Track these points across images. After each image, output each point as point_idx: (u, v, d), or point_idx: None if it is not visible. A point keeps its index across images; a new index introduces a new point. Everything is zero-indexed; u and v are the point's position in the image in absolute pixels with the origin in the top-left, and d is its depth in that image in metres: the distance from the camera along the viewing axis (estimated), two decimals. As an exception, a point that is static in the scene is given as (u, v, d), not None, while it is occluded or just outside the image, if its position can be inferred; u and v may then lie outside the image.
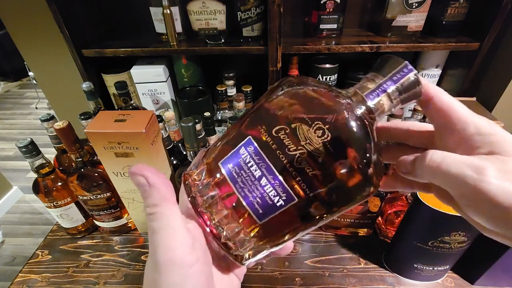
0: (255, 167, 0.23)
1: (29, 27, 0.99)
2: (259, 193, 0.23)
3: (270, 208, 0.23)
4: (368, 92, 0.25)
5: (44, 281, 0.68)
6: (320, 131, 0.22)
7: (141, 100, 0.94)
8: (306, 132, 0.22)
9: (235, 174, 0.23)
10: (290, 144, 0.22)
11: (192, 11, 0.81)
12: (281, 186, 0.22)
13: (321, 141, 0.22)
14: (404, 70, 0.24)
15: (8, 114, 3.14)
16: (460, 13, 0.81)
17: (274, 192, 0.23)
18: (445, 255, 0.58)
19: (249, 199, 0.23)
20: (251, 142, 0.24)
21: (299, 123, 0.22)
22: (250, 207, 0.23)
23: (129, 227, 0.78)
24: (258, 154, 0.23)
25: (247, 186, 0.23)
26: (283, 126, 0.23)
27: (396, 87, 0.24)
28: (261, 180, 0.23)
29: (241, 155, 0.24)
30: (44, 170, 0.65)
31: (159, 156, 0.63)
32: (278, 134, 0.23)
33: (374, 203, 0.66)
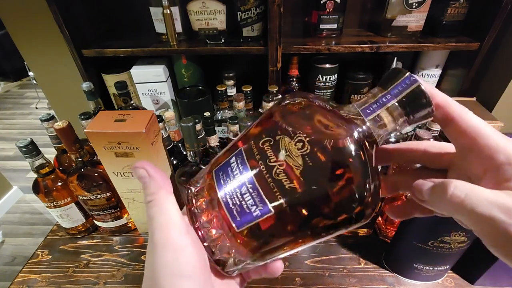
0: (239, 175, 0.23)
1: (29, 27, 0.99)
2: (238, 201, 0.23)
3: (247, 217, 0.23)
4: (366, 106, 0.23)
5: (44, 281, 0.68)
6: (301, 143, 0.21)
7: (141, 100, 0.94)
8: (288, 144, 0.22)
9: (222, 180, 0.24)
10: (272, 155, 0.22)
11: (192, 11, 0.81)
12: (258, 196, 0.22)
13: (300, 154, 0.21)
14: (405, 81, 0.22)
15: (8, 114, 3.14)
16: (460, 13, 0.81)
17: (252, 201, 0.22)
18: (445, 255, 0.58)
19: (230, 205, 0.23)
20: (241, 152, 0.24)
21: (283, 135, 0.22)
22: (229, 213, 0.23)
23: (129, 227, 0.78)
24: (243, 164, 0.23)
25: (229, 193, 0.23)
26: (268, 138, 0.23)
27: (398, 101, 0.22)
28: (241, 188, 0.23)
29: (231, 164, 0.24)
30: (44, 170, 0.65)
31: (159, 156, 0.63)
32: (263, 146, 0.23)
33: (374, 203, 0.66)
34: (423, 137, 0.62)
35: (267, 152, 0.22)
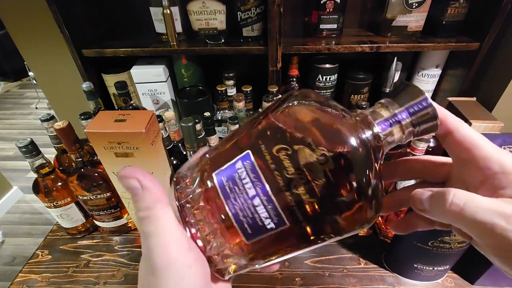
0: (250, 184, 0.22)
1: (29, 27, 0.99)
2: (250, 213, 0.22)
3: (260, 230, 0.22)
4: (381, 120, 0.23)
5: (44, 281, 0.68)
6: (323, 157, 0.20)
7: (141, 100, 0.94)
8: (308, 156, 0.21)
9: (228, 188, 0.22)
10: (290, 166, 0.21)
11: (192, 11, 0.81)
12: (274, 210, 0.21)
13: (322, 169, 0.20)
14: (422, 103, 0.23)
15: (8, 114, 3.14)
16: (460, 13, 0.81)
17: (266, 214, 0.21)
18: (445, 255, 0.58)
19: (240, 217, 0.22)
20: (249, 157, 0.22)
21: (302, 146, 0.21)
22: (239, 226, 0.22)
23: (129, 227, 0.78)
24: (254, 172, 0.22)
25: (239, 204, 0.22)
26: (285, 146, 0.21)
27: (411, 119, 0.23)
28: (254, 200, 0.21)
29: (237, 170, 0.22)
30: (44, 170, 0.65)
31: (159, 156, 0.63)
32: (278, 154, 0.21)
33: (374, 203, 0.66)
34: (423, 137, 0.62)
35: (284, 163, 0.21)
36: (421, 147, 0.64)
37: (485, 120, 0.72)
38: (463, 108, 0.76)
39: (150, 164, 0.61)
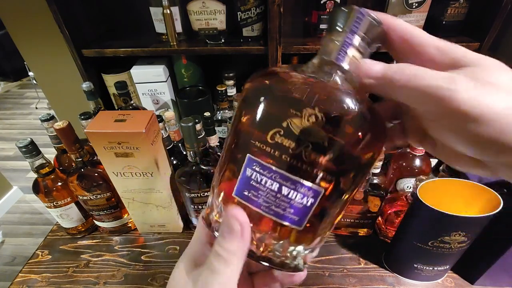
0: (270, 181, 0.22)
1: (29, 27, 0.99)
2: (287, 203, 0.22)
3: (304, 211, 0.22)
4: (335, 54, 0.23)
5: (44, 281, 0.68)
6: (312, 116, 0.21)
7: (141, 100, 0.94)
8: (300, 124, 0.21)
9: (254, 197, 0.23)
10: (291, 144, 0.21)
11: (192, 11, 0.81)
12: (303, 187, 0.22)
13: (318, 126, 0.21)
14: (358, 16, 0.23)
15: (8, 114, 3.14)
16: (460, 13, 0.81)
17: (300, 195, 0.22)
18: (445, 255, 0.58)
19: (281, 213, 0.22)
20: (253, 159, 0.22)
21: (289, 119, 0.21)
22: (286, 220, 0.23)
23: (129, 227, 0.78)
24: (265, 168, 0.22)
25: (273, 203, 0.22)
26: (275, 130, 0.22)
27: (361, 37, 0.23)
28: (282, 191, 0.22)
29: (250, 177, 0.23)
30: (44, 170, 0.65)
31: (159, 156, 0.63)
32: (274, 140, 0.22)
33: (374, 203, 0.66)
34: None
35: (284, 143, 0.21)
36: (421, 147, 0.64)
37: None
38: (463, 108, 0.76)
39: (150, 164, 0.61)
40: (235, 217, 0.22)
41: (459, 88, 0.19)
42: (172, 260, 0.71)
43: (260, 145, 0.22)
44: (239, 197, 0.23)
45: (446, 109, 0.19)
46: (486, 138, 0.19)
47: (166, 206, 0.70)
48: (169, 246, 0.75)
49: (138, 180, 0.64)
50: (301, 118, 0.21)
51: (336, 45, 0.23)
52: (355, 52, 0.23)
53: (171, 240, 0.76)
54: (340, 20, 0.23)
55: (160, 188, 0.66)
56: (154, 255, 0.73)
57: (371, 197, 0.66)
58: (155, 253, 0.73)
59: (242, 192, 0.23)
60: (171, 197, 0.70)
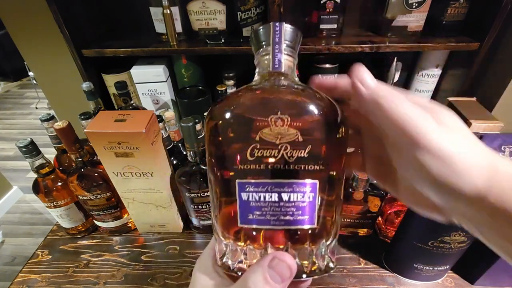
0: (268, 194, 0.23)
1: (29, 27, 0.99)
2: (293, 207, 0.23)
3: (311, 207, 0.23)
4: (272, 64, 0.27)
5: (44, 281, 0.68)
6: (279, 120, 0.23)
7: (141, 100, 0.94)
8: (270, 131, 0.23)
9: (261, 217, 0.23)
10: (270, 153, 0.23)
11: (192, 11, 0.81)
12: (299, 185, 0.23)
13: (287, 126, 0.23)
14: (276, 28, 0.26)
15: (8, 114, 3.14)
16: (460, 13, 0.80)
17: (300, 194, 0.23)
18: (445, 255, 0.58)
19: (291, 220, 0.23)
20: (243, 183, 0.23)
21: (259, 132, 0.23)
22: (299, 223, 0.23)
23: (129, 227, 0.78)
24: (258, 184, 0.23)
25: (279, 213, 0.23)
26: (251, 147, 0.23)
27: (286, 43, 0.27)
28: (282, 198, 0.23)
29: (248, 200, 0.23)
30: (44, 170, 0.65)
31: (159, 156, 0.63)
32: (254, 156, 0.23)
33: (374, 203, 0.66)
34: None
35: (265, 154, 0.23)
36: None
37: (485, 120, 0.72)
38: (463, 108, 0.76)
39: (150, 164, 0.61)
40: (285, 262, 0.22)
41: (431, 126, 0.21)
42: (172, 260, 0.71)
43: (244, 167, 0.23)
44: (246, 224, 0.23)
45: (417, 143, 0.21)
46: (445, 179, 0.20)
47: (166, 206, 0.70)
48: (169, 246, 0.75)
49: (138, 180, 0.64)
50: (269, 126, 0.23)
51: (268, 58, 0.27)
52: (286, 56, 0.27)
53: (171, 240, 0.76)
54: (263, 37, 0.27)
55: (160, 188, 0.66)
56: (154, 255, 0.73)
57: (371, 197, 0.66)
58: (155, 253, 0.73)
59: (247, 218, 0.23)
60: (171, 197, 0.70)
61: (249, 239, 0.24)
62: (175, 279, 0.67)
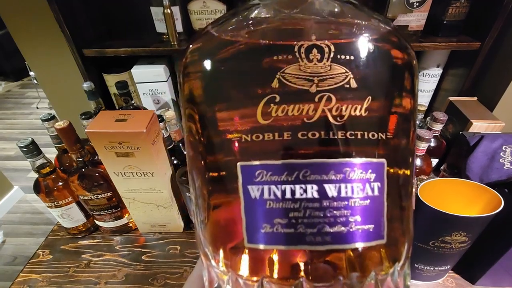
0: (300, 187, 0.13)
1: (30, 26, 0.99)
2: (346, 209, 0.13)
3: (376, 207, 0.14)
4: None
5: (45, 281, 0.68)
6: (314, 50, 0.13)
7: (142, 100, 0.94)
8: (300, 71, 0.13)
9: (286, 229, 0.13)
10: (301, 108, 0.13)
11: (193, 10, 0.81)
12: (356, 168, 0.13)
13: (329, 61, 0.14)
14: None
15: (9, 114, 3.14)
16: (461, 13, 0.80)
17: (359, 185, 0.13)
18: (446, 255, 0.58)
19: (344, 232, 0.13)
20: (250, 167, 0.13)
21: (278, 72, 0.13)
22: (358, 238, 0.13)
23: (130, 227, 0.78)
24: (281, 169, 0.13)
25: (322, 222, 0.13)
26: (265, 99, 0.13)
27: None
28: (327, 192, 0.13)
29: (262, 197, 0.13)
30: (45, 170, 0.65)
31: (159, 156, 0.63)
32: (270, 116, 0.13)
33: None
34: (423, 137, 0.62)
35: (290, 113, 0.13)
36: (422, 147, 0.64)
37: (486, 120, 0.71)
38: (464, 107, 0.76)
39: (150, 164, 0.61)
40: None
41: None
42: (173, 260, 0.71)
43: (251, 138, 0.13)
44: (258, 243, 0.13)
45: None
46: None
47: (167, 206, 0.70)
48: (170, 246, 0.75)
49: (139, 180, 0.64)
50: (298, 62, 0.13)
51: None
52: None
53: (172, 240, 0.76)
54: None
55: (161, 188, 0.66)
56: (155, 255, 0.73)
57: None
58: (156, 253, 0.73)
59: (260, 231, 0.13)
60: (172, 197, 0.70)
61: (261, 266, 0.14)
62: (176, 279, 0.67)
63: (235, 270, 0.14)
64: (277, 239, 0.13)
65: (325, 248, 0.13)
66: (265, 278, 0.14)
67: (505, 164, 0.60)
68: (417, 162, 0.68)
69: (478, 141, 0.64)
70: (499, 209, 0.49)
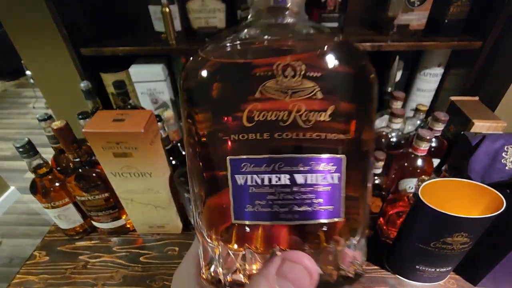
0: (276, 176, 0.17)
1: (26, 25, 0.98)
2: (312, 194, 0.17)
3: (335, 193, 0.17)
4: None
5: (41, 283, 0.67)
6: (289, 68, 0.17)
7: (140, 100, 0.93)
8: (277, 85, 0.17)
9: (265, 208, 0.17)
10: (277, 113, 0.17)
11: (192, 9, 0.81)
12: (320, 162, 0.17)
13: (301, 77, 0.17)
14: None
15: (5, 113, 3.12)
16: (462, 12, 0.80)
17: (321, 175, 0.17)
18: (448, 257, 0.57)
19: (310, 211, 0.17)
20: (238, 160, 0.17)
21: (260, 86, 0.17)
22: (320, 216, 0.17)
23: (128, 228, 0.77)
24: (260, 162, 0.17)
25: (292, 203, 0.17)
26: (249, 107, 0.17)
27: None
28: (296, 180, 0.17)
29: (246, 184, 0.17)
30: (42, 170, 0.64)
31: (157, 156, 0.62)
32: (253, 120, 0.17)
33: (375, 204, 0.66)
34: (425, 137, 0.62)
35: (269, 118, 0.17)
36: (423, 147, 0.63)
37: (487, 119, 0.71)
38: (466, 107, 0.75)
39: (148, 164, 0.60)
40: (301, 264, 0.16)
41: None
42: (171, 261, 0.71)
43: (239, 137, 0.17)
44: (243, 219, 0.17)
45: None
46: None
47: (165, 207, 0.70)
48: (168, 247, 0.74)
49: (136, 181, 0.63)
50: (275, 77, 0.16)
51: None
52: None
53: (170, 241, 0.75)
54: None
55: (159, 189, 0.66)
56: (153, 256, 0.72)
57: (372, 197, 0.65)
58: (154, 254, 0.72)
59: (244, 210, 0.17)
60: (170, 197, 0.69)
61: (246, 240, 0.18)
62: (175, 281, 0.66)
63: (225, 244, 0.18)
64: (257, 216, 0.17)
65: (294, 223, 0.17)
66: (249, 249, 0.18)
67: (507, 165, 0.60)
68: (419, 162, 0.68)
69: (479, 141, 0.63)
70: (501, 210, 0.49)
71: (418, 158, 0.68)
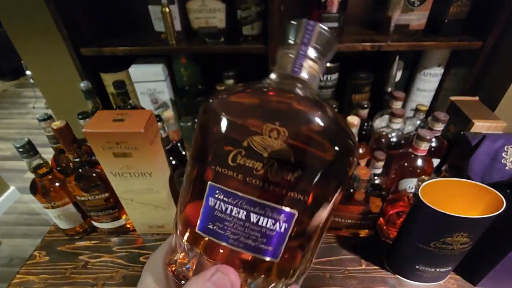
0: (236, 209, 0.20)
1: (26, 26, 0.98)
2: (258, 233, 0.20)
3: (279, 239, 0.20)
4: (291, 66, 0.23)
5: (41, 283, 0.67)
6: (274, 131, 0.20)
7: (140, 100, 0.93)
8: (262, 141, 0.20)
9: (220, 230, 0.20)
10: (254, 164, 0.20)
11: (192, 9, 0.81)
12: (274, 211, 0.20)
13: (282, 141, 0.20)
14: (308, 28, 0.22)
15: (5, 113, 3.12)
16: (462, 12, 0.80)
17: (271, 221, 0.20)
18: (448, 257, 0.57)
19: (252, 245, 0.20)
20: (215, 187, 0.21)
21: (249, 137, 0.20)
22: (260, 252, 0.20)
23: (128, 228, 0.77)
24: (229, 195, 0.20)
25: (242, 234, 0.20)
26: (235, 151, 0.20)
27: (313, 47, 0.22)
28: (250, 218, 0.20)
29: (214, 207, 0.21)
30: (42, 170, 0.64)
31: (157, 156, 0.62)
32: (236, 162, 0.20)
33: (375, 204, 0.66)
34: (425, 137, 0.62)
35: (247, 165, 0.20)
36: (423, 147, 0.63)
37: (487, 119, 0.71)
38: (466, 107, 0.75)
39: (148, 164, 0.60)
40: (227, 277, 0.20)
41: None
42: (171, 261, 0.71)
43: (221, 170, 0.20)
44: (203, 232, 0.21)
45: None
46: None
47: (165, 207, 0.70)
48: (168, 247, 0.74)
49: (136, 181, 0.63)
50: (262, 135, 0.20)
51: (290, 58, 0.23)
52: (311, 62, 0.23)
53: (170, 241, 0.75)
54: (291, 33, 0.23)
55: (159, 189, 0.66)
56: (153, 257, 0.72)
57: (372, 197, 0.65)
58: (154, 254, 0.72)
59: (207, 226, 0.21)
60: (170, 197, 0.69)
61: (207, 249, 0.21)
62: (175, 281, 0.66)
63: (189, 243, 0.22)
64: (213, 234, 0.21)
65: (237, 249, 0.20)
66: (204, 255, 0.22)
67: (507, 165, 0.60)
68: (419, 162, 0.68)
69: (479, 141, 0.63)
70: (501, 210, 0.49)
71: (418, 158, 0.68)
